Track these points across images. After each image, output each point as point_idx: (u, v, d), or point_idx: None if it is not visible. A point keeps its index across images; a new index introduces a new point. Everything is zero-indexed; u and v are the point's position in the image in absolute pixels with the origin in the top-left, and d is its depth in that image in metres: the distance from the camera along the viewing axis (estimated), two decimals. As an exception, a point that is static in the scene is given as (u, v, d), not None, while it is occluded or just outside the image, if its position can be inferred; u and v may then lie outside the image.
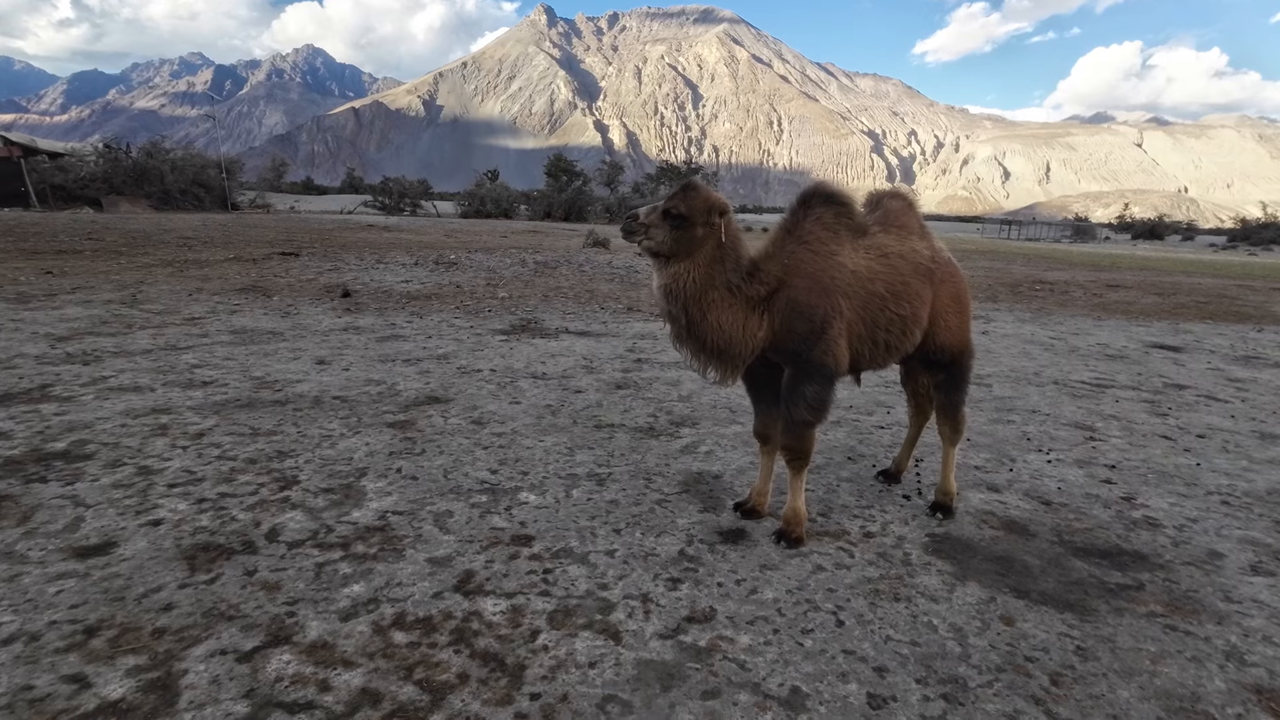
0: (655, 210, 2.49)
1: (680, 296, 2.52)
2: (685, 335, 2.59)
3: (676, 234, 2.48)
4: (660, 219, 2.48)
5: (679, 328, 2.57)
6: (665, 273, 2.54)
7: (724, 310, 2.55)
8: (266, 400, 4.30)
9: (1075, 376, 6.00)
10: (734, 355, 2.63)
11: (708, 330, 2.56)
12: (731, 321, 2.56)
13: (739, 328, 2.57)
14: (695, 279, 2.51)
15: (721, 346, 2.59)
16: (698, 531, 2.83)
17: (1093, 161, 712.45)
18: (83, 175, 23.96)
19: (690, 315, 2.53)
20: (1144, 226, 63.62)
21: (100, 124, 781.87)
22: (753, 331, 2.60)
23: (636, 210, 2.53)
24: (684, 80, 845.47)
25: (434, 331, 6.68)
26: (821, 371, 2.59)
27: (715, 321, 2.55)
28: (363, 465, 3.36)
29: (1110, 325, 9.16)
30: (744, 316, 2.58)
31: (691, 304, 2.52)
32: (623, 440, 3.90)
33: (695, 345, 2.61)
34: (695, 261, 2.51)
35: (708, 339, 2.57)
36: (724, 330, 2.56)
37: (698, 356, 2.65)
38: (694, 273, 2.51)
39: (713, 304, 2.54)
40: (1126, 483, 3.56)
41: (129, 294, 7.79)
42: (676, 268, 2.52)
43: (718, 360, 2.65)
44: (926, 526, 2.96)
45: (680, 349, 2.67)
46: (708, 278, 2.52)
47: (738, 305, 2.57)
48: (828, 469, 3.59)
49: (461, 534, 2.72)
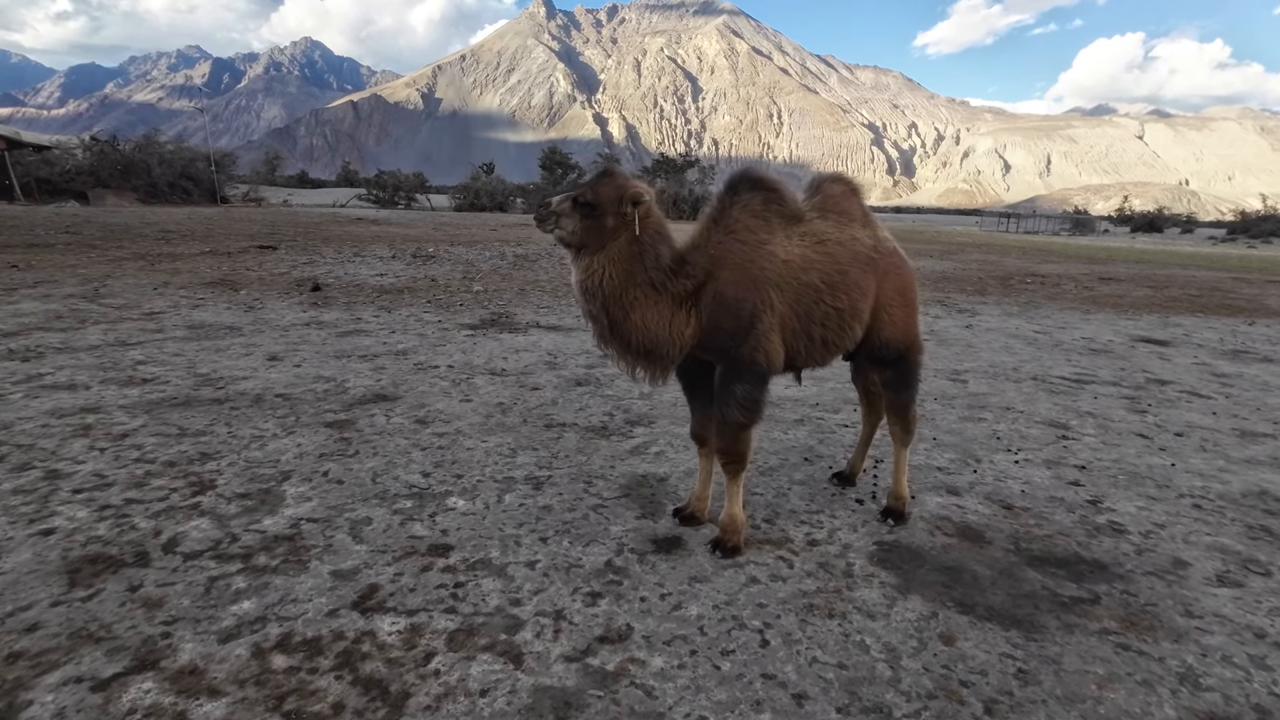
0: (567, 198, 2.32)
1: (598, 295, 2.35)
2: (608, 336, 2.41)
3: (587, 224, 2.31)
4: (571, 208, 2.31)
5: (600, 328, 2.40)
6: (578, 266, 2.38)
7: (648, 308, 2.38)
8: (205, 399, 4.12)
9: (1055, 372, 5.82)
10: (662, 355, 2.45)
11: (631, 330, 2.38)
12: (657, 320, 2.38)
13: (665, 326, 2.39)
14: (613, 275, 2.33)
15: (648, 346, 2.42)
16: (630, 540, 2.66)
17: (1094, 154, 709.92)
18: (68, 168, 23.69)
19: (611, 315, 2.36)
20: (1143, 219, 63.24)
21: (98, 117, 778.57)
22: (680, 329, 2.42)
23: (549, 198, 2.35)
24: (683, 73, 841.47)
25: (399, 326, 6.50)
26: (752, 370, 2.42)
27: (639, 320, 2.37)
28: (288, 468, 3.19)
29: (1098, 319, 8.98)
30: (670, 314, 2.41)
31: (612, 302, 2.35)
32: (571, 441, 3.72)
33: (620, 346, 2.44)
34: (609, 255, 2.33)
35: (632, 339, 2.40)
36: (649, 330, 2.39)
37: (624, 357, 2.48)
38: (610, 268, 2.33)
39: (635, 302, 2.36)
40: (1095, 485, 3.39)
41: (92, 288, 7.61)
42: (589, 261, 2.34)
43: (645, 361, 2.48)
44: (876, 534, 2.79)
45: (604, 350, 2.50)
46: (627, 274, 2.35)
47: (663, 302, 2.40)
48: (781, 470, 3.42)
49: (375, 543, 2.55)
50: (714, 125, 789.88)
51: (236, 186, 35.87)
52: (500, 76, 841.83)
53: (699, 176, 56.77)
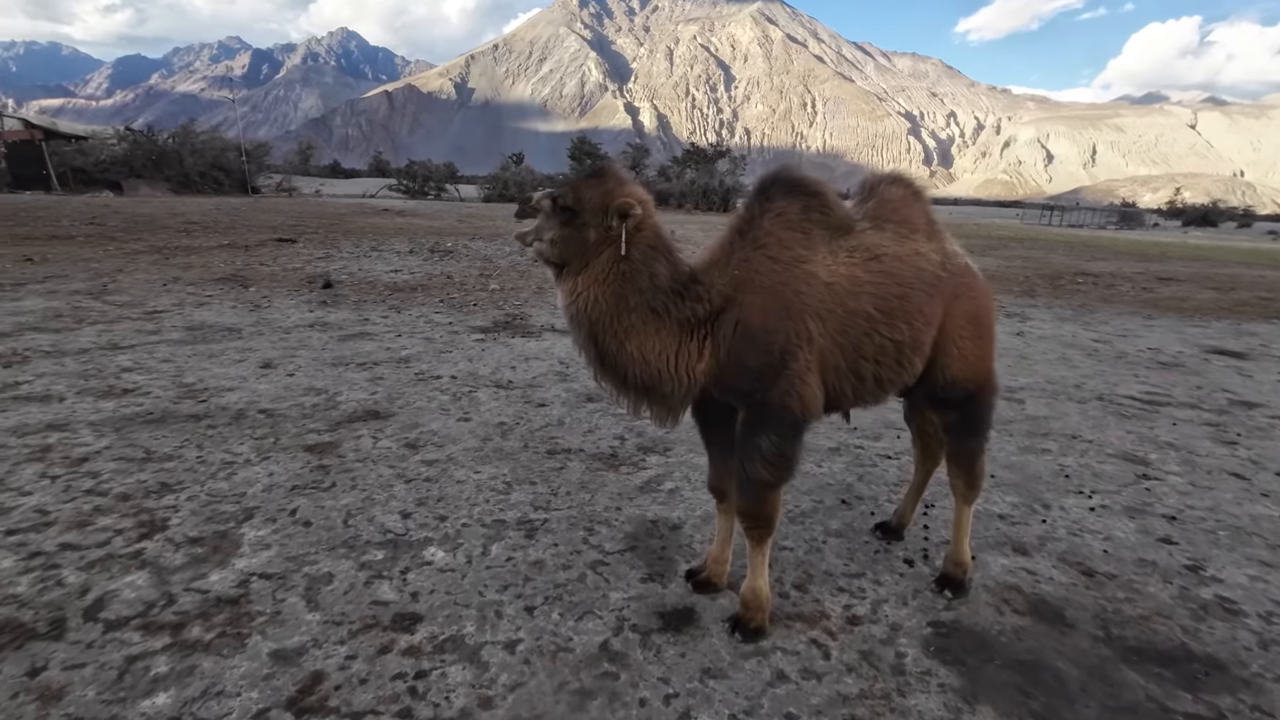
0: (548, 195, 1.89)
1: (584, 322, 1.94)
2: (600, 369, 1.99)
3: (566, 234, 1.90)
4: (551, 209, 1.88)
5: (590, 359, 1.98)
6: (561, 289, 1.96)
7: (647, 337, 1.94)
8: (182, 414, 3.80)
9: (1123, 390, 5.21)
10: (665, 394, 2.01)
11: (627, 363, 1.96)
12: (659, 351, 1.94)
13: (668, 359, 1.95)
14: (600, 299, 1.91)
15: (647, 383, 1.99)
16: (633, 612, 2.23)
17: (1142, 144, 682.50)
18: (103, 159, 24.07)
19: (601, 345, 1.94)
20: (1196, 212, 60.18)
21: (143, 108, 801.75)
22: (688, 364, 1.97)
23: (530, 194, 1.92)
24: (716, 61, 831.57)
25: (406, 329, 6.16)
26: (782, 418, 1.95)
27: (635, 352, 1.95)
28: (253, 504, 2.83)
29: (1162, 325, 8.24)
30: (675, 344, 1.97)
31: (601, 331, 1.93)
32: (575, 472, 3.30)
33: (614, 381, 2.01)
34: (594, 275, 1.92)
35: (628, 374, 1.97)
36: (648, 363, 1.95)
37: (623, 394, 2.05)
38: (595, 290, 1.92)
39: (631, 330, 1.93)
40: (1191, 543, 2.85)
41: (100, 284, 7.43)
42: (572, 283, 1.94)
43: (647, 399, 2.05)
44: (931, 609, 2.31)
45: (600, 385, 2.08)
46: (618, 296, 1.92)
47: (666, 330, 1.96)
48: (814, 517, 2.95)
49: (332, 611, 2.16)
50: (746, 114, 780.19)
51: (270, 177, 36.25)
52: (532, 66, 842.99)
53: (730, 167, 55.78)
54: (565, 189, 1.89)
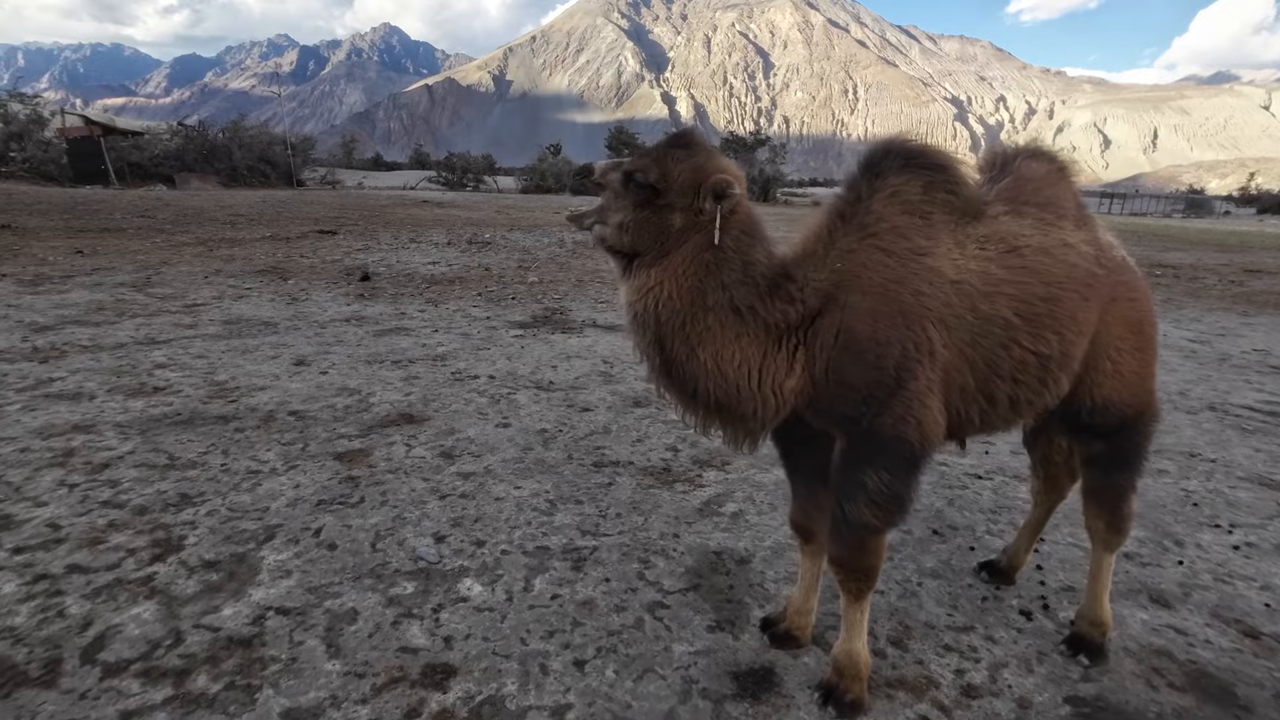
0: (616, 166, 1.55)
1: (650, 323, 1.58)
2: (665, 380, 1.64)
3: (642, 217, 1.54)
4: (622, 185, 1.53)
5: (654, 368, 1.63)
6: (629, 283, 1.61)
7: (725, 343, 1.58)
8: (211, 415, 3.60)
9: (1236, 399, 4.62)
10: (745, 415, 1.64)
11: (698, 374, 1.59)
12: (739, 361, 1.58)
13: (752, 372, 1.59)
14: (675, 296, 1.56)
15: (722, 400, 1.61)
16: (701, 671, 1.89)
17: (1209, 127, 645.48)
18: (157, 153, 24.77)
19: (669, 352, 1.58)
20: (1273, 199, 56.36)
21: (199, 105, 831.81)
22: (777, 379, 1.60)
23: (591, 164, 1.59)
24: (755, 48, 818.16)
25: (443, 324, 5.92)
26: (895, 450, 1.57)
27: (710, 361, 1.58)
28: (276, 521, 2.58)
29: (1263, 324, 7.47)
30: (760, 353, 1.60)
31: (671, 334, 1.57)
32: (625, 489, 2.97)
33: (682, 395, 1.65)
34: (672, 267, 1.56)
35: (699, 387, 1.61)
36: (725, 375, 1.59)
37: (689, 411, 1.69)
38: (672, 285, 1.56)
39: (707, 334, 1.57)
40: (1371, 595, 2.36)
41: (145, 276, 7.41)
42: (645, 277, 1.58)
43: (720, 418, 1.68)
44: (1063, 678, 1.90)
45: (664, 399, 1.73)
46: (695, 293, 1.56)
47: (750, 335, 1.59)
48: (903, 550, 2.55)
49: (354, 659, 1.87)
50: (785, 102, 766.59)
51: (315, 170, 36.89)
52: (569, 57, 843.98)
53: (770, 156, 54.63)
54: (644, 161, 1.54)
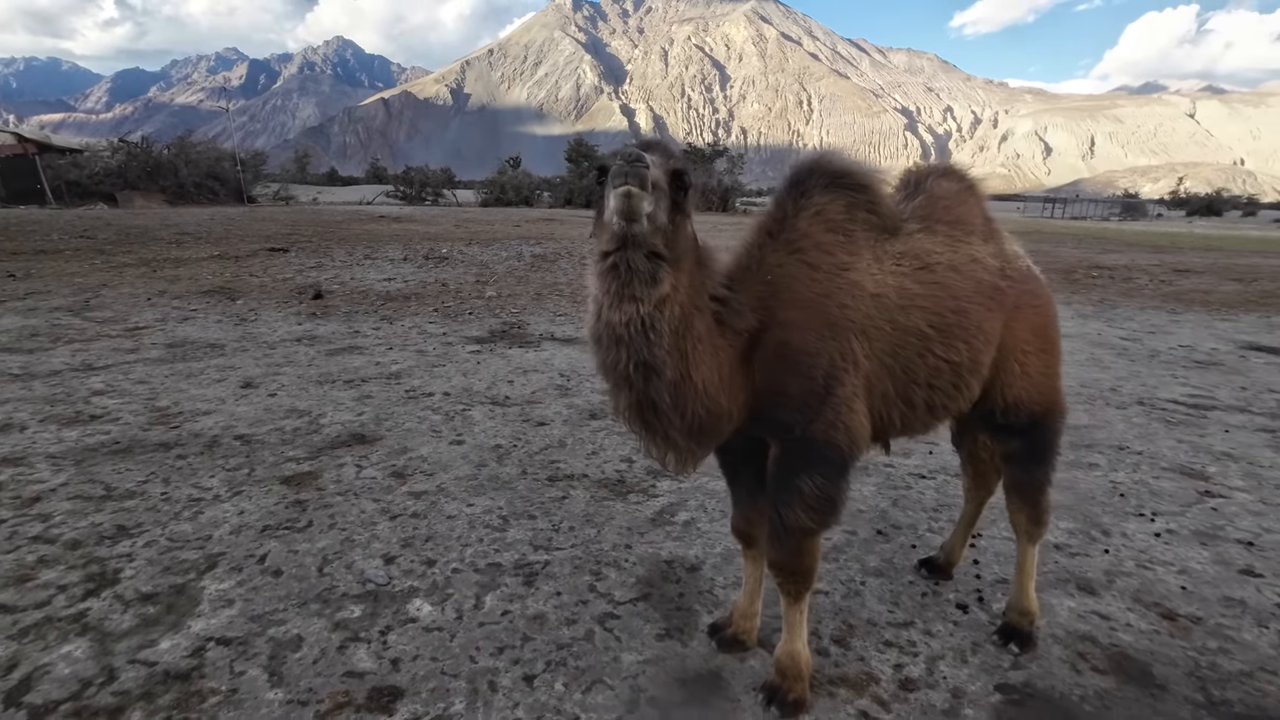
0: (657, 165, 1.35)
1: (661, 338, 1.43)
2: (660, 407, 1.49)
3: (675, 220, 1.41)
4: (668, 183, 1.39)
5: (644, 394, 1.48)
6: (651, 295, 1.40)
7: (709, 359, 1.52)
8: (151, 442, 3.49)
9: (1164, 393, 4.87)
10: (717, 432, 1.63)
11: (689, 397, 1.50)
12: (719, 377, 1.54)
13: (726, 385, 1.56)
14: (683, 305, 1.47)
15: (704, 419, 1.55)
16: (650, 679, 1.91)
17: (1141, 134, 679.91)
18: (98, 171, 23.82)
19: (673, 372, 1.46)
20: (1200, 202, 59.68)
21: (143, 120, 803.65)
22: (739, 390, 1.63)
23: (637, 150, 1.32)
24: (711, 61, 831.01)
25: (398, 341, 5.85)
26: (826, 454, 1.64)
27: (701, 383, 1.51)
28: (219, 550, 2.51)
29: (1190, 320, 7.89)
30: (731, 365, 1.59)
31: (675, 352, 1.46)
32: (579, 502, 2.99)
33: (677, 423, 1.52)
34: (683, 276, 1.47)
35: (690, 409, 1.52)
36: (710, 394, 1.53)
37: (666, 438, 1.57)
38: (680, 296, 1.46)
39: (698, 348, 1.50)
40: (1278, 575, 2.52)
41: (83, 300, 7.13)
42: (666, 289, 1.42)
43: (698, 439, 1.61)
44: (996, 668, 1.99)
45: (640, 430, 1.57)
46: (691, 303, 1.50)
47: (725, 347, 1.57)
48: (849, 551, 2.63)
49: (297, 686, 1.84)
50: (742, 114, 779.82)
51: (267, 186, 35.96)
52: (528, 70, 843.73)
53: (728, 166, 55.26)
54: (672, 157, 1.42)
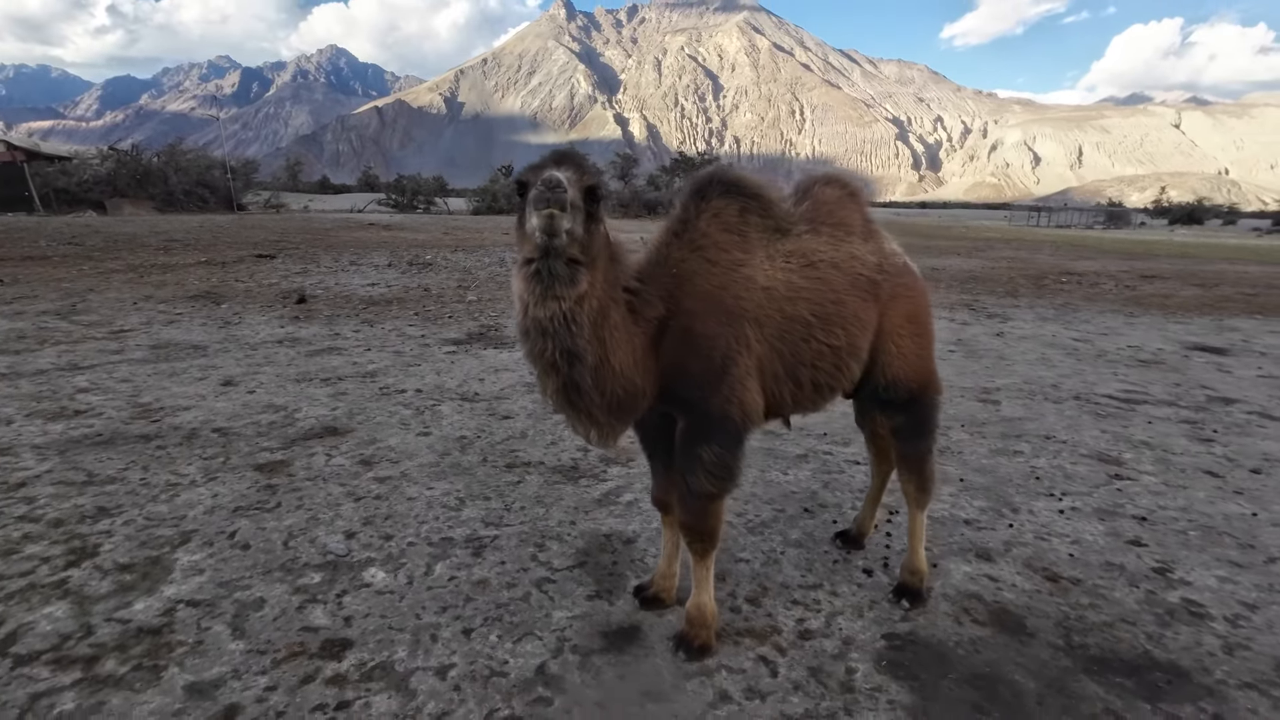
0: (572, 184, 1.53)
1: (582, 328, 1.64)
2: (583, 388, 1.70)
3: (590, 228, 1.61)
4: (582, 200, 1.58)
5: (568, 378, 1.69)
6: (572, 294, 1.60)
7: (625, 344, 1.76)
8: (133, 434, 3.70)
9: (1101, 389, 5.15)
10: (633, 409, 1.87)
11: (608, 378, 1.72)
12: (633, 360, 1.77)
13: (640, 366, 1.80)
14: (599, 299, 1.68)
15: (621, 397, 1.78)
16: (575, 632, 2.14)
17: (1127, 144, 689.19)
18: (86, 178, 23.94)
19: (593, 357, 1.68)
20: (1182, 210, 60.64)
21: (134, 128, 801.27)
22: (650, 370, 1.87)
23: (557, 175, 1.49)
24: (704, 71, 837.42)
25: (377, 343, 6.06)
26: (723, 426, 1.88)
27: (618, 365, 1.73)
28: (192, 527, 2.73)
29: (1144, 323, 8.21)
30: (643, 348, 1.82)
31: (594, 340, 1.67)
32: (532, 486, 3.21)
33: (598, 400, 1.74)
34: (597, 275, 1.67)
35: (609, 388, 1.74)
36: (626, 375, 1.76)
37: (589, 415, 1.79)
38: (597, 291, 1.67)
39: (615, 335, 1.73)
40: (1161, 544, 2.78)
41: (69, 304, 7.31)
42: (584, 286, 1.62)
43: (616, 415, 1.83)
44: (887, 621, 2.23)
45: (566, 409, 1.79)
46: (607, 296, 1.72)
47: (638, 333, 1.81)
48: (774, 526, 2.87)
49: (258, 639, 2.06)
50: (735, 123, 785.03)
51: (258, 193, 36.10)
52: (521, 79, 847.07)
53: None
54: (585, 173, 1.61)
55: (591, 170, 1.66)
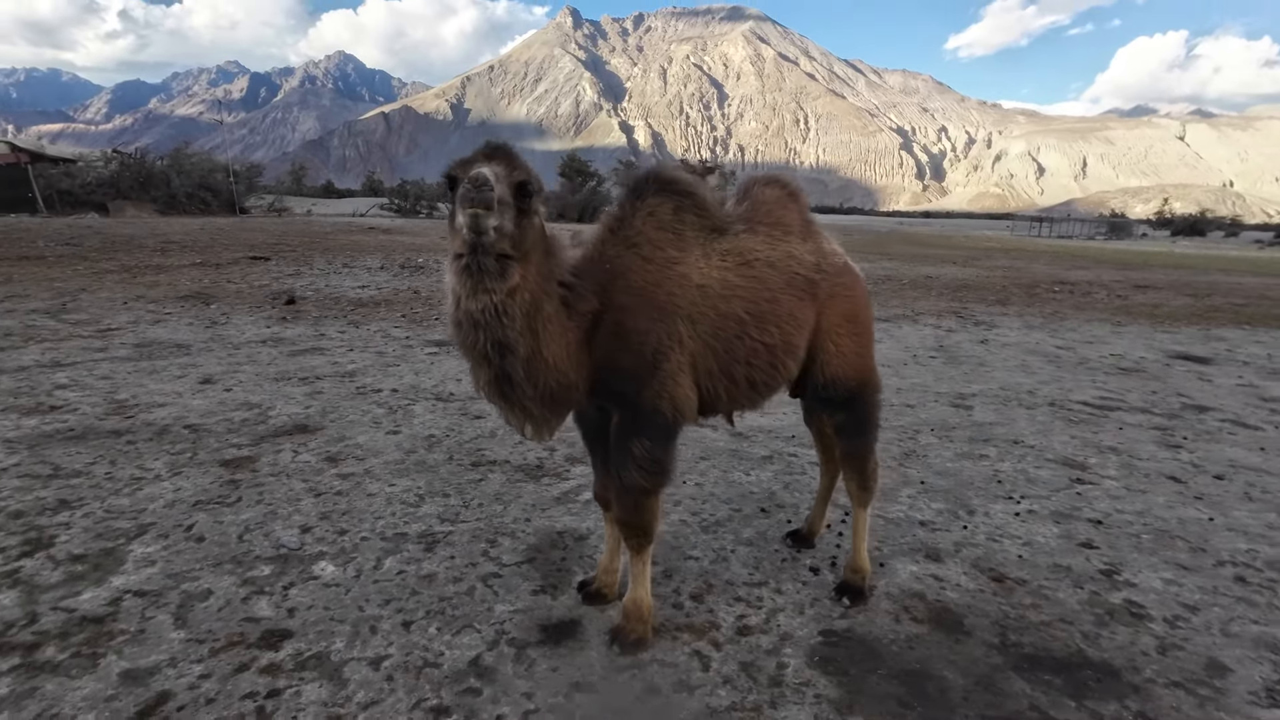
0: (500, 180, 1.55)
1: (514, 321, 1.66)
2: (515, 380, 1.73)
3: (521, 223, 1.63)
4: (511, 196, 1.59)
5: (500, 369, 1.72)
6: (502, 287, 1.63)
7: (558, 337, 1.78)
8: (104, 430, 3.74)
9: (1077, 396, 5.16)
10: (567, 401, 1.91)
11: (540, 370, 1.75)
12: (566, 353, 1.80)
13: (573, 359, 1.82)
14: (532, 292, 1.70)
15: (554, 390, 1.81)
16: (515, 625, 2.16)
17: (1132, 156, 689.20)
18: (90, 180, 24.16)
19: (525, 349, 1.70)
20: (1184, 222, 60.61)
21: (142, 131, 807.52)
22: (584, 364, 1.90)
23: (484, 172, 1.52)
24: (709, 79, 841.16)
25: (360, 344, 6.11)
26: (654, 420, 1.90)
27: (551, 357, 1.76)
28: (150, 520, 2.76)
29: (1131, 332, 8.22)
30: (575, 345, 1.85)
31: (526, 332, 1.70)
32: (494, 484, 3.24)
33: (530, 393, 1.77)
34: (530, 269, 1.70)
35: (541, 380, 1.77)
36: (559, 367, 1.78)
37: (522, 408, 1.81)
38: (530, 284, 1.70)
39: (548, 328, 1.75)
40: (1113, 547, 2.79)
41: (60, 303, 7.38)
42: (516, 280, 1.64)
43: (550, 407, 1.86)
44: (826, 618, 2.25)
45: (499, 401, 1.82)
46: (540, 289, 1.74)
47: (572, 327, 1.83)
48: (728, 525, 2.89)
49: (198, 629, 2.09)
50: (740, 131, 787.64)
51: (261, 197, 36.29)
52: (527, 86, 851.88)
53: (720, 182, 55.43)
54: (516, 168, 1.63)
55: (522, 165, 1.68)
